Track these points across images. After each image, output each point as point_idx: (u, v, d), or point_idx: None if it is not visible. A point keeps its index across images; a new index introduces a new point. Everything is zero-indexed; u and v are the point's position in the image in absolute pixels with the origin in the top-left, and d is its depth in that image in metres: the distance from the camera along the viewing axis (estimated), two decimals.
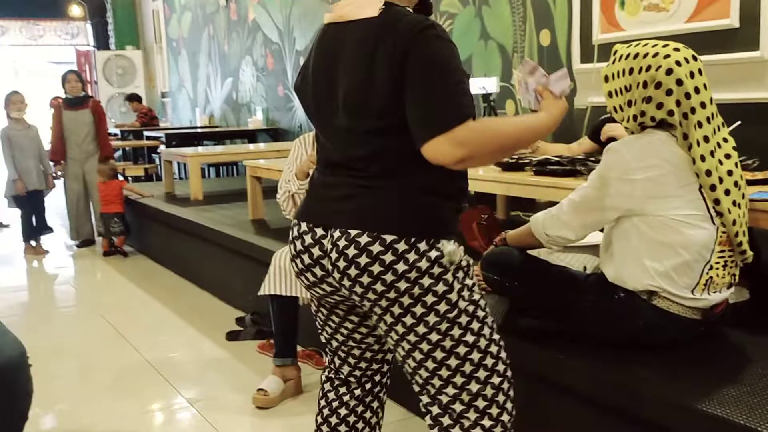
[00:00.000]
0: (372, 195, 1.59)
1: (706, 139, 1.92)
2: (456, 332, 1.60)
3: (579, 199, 2.00)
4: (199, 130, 9.09)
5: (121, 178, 6.73)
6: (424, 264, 1.55)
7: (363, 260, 1.55)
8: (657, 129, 1.97)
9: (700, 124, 1.91)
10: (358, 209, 1.58)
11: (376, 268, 1.54)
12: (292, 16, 7.41)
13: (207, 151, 6.69)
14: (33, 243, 6.44)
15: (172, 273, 5.52)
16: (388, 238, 1.54)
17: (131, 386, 3.31)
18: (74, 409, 3.11)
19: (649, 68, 1.93)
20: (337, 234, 1.58)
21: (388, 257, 1.54)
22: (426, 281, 1.55)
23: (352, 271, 1.56)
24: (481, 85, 4.11)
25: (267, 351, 3.53)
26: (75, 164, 6.32)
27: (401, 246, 1.54)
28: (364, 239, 1.54)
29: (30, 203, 6.31)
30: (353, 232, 1.56)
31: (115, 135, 9.82)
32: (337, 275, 1.60)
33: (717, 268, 1.96)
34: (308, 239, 1.65)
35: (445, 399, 1.65)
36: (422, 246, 1.55)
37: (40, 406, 2.93)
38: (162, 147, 8.06)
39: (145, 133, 9.46)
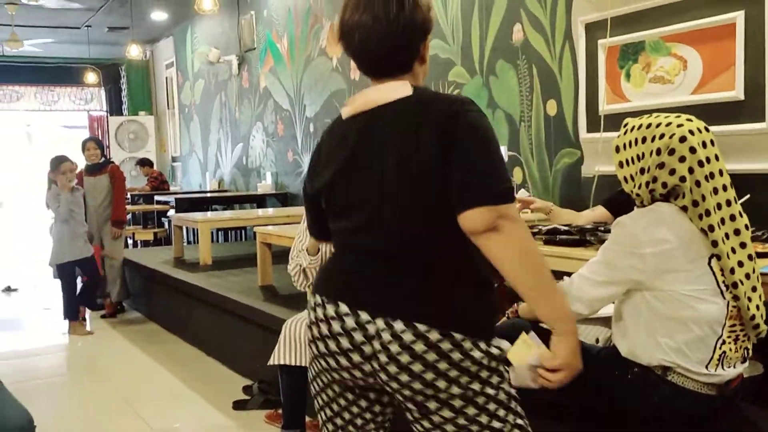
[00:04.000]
0: (432, 287, 1.57)
1: (719, 206, 1.94)
2: (496, 425, 1.59)
3: (589, 274, 2.00)
4: (208, 195, 9.17)
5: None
6: (486, 361, 1.56)
7: (431, 357, 1.52)
8: (665, 202, 1.98)
9: (712, 192, 1.93)
10: (421, 302, 1.55)
11: (443, 365, 1.52)
12: (302, 83, 7.56)
13: (217, 216, 6.75)
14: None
15: (179, 339, 5.49)
16: (458, 336, 1.53)
17: None
18: None
19: (662, 136, 1.95)
20: (399, 326, 1.53)
21: (456, 355, 1.53)
22: (485, 374, 1.56)
23: (416, 367, 1.53)
24: None
25: (275, 421, 3.48)
26: (93, 228, 6.35)
27: (467, 344, 1.53)
28: (434, 336, 1.52)
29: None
30: (421, 327, 1.52)
31: (126, 199, 9.92)
32: (392, 368, 1.54)
33: (729, 343, 1.95)
34: (350, 323, 1.58)
35: None
36: (483, 345, 1.56)
37: None
38: (172, 211, 8.13)
39: (156, 198, 9.55)
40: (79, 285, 6.08)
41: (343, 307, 1.60)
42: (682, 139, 1.93)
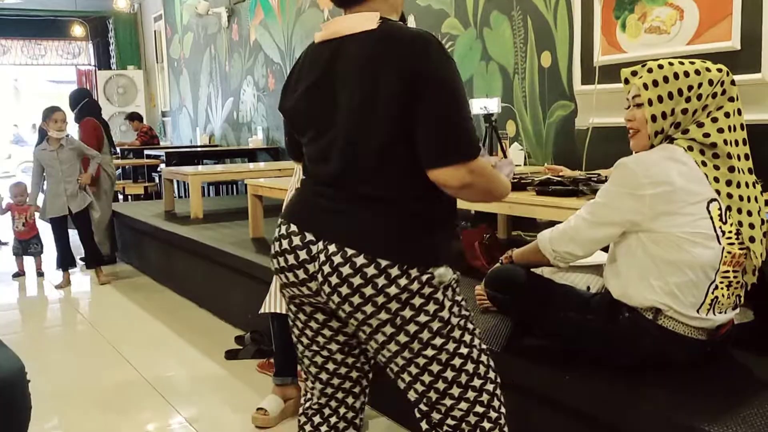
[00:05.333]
0: (370, 216, 1.59)
1: (735, 143, 1.98)
2: (450, 346, 1.61)
3: (587, 215, 2.00)
4: (199, 149, 9.10)
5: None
6: (414, 286, 1.56)
7: (356, 281, 1.55)
8: (670, 144, 1.97)
9: (731, 129, 1.98)
10: (356, 229, 1.59)
11: (368, 290, 1.55)
12: (293, 36, 7.46)
13: (207, 169, 6.69)
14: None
15: (172, 291, 5.49)
16: (383, 262, 1.54)
17: (129, 404, 3.28)
18: (71, 427, 3.08)
19: (709, 70, 1.97)
20: (332, 248, 1.57)
21: (381, 281, 1.54)
22: (417, 301, 1.57)
23: (344, 290, 1.57)
24: (482, 105, 4.11)
25: (267, 370, 3.50)
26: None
27: (394, 271, 1.55)
28: (360, 260, 1.55)
29: None
30: (350, 251, 1.55)
31: (116, 153, 9.83)
32: (326, 288, 1.60)
33: (722, 288, 1.95)
34: (296, 240, 1.64)
35: (443, 408, 1.65)
36: (414, 273, 1.56)
37: (37, 423, 2.88)
38: (162, 165, 8.07)
39: (146, 152, 9.47)
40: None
41: (293, 227, 1.66)
42: (728, 74, 1.99)
